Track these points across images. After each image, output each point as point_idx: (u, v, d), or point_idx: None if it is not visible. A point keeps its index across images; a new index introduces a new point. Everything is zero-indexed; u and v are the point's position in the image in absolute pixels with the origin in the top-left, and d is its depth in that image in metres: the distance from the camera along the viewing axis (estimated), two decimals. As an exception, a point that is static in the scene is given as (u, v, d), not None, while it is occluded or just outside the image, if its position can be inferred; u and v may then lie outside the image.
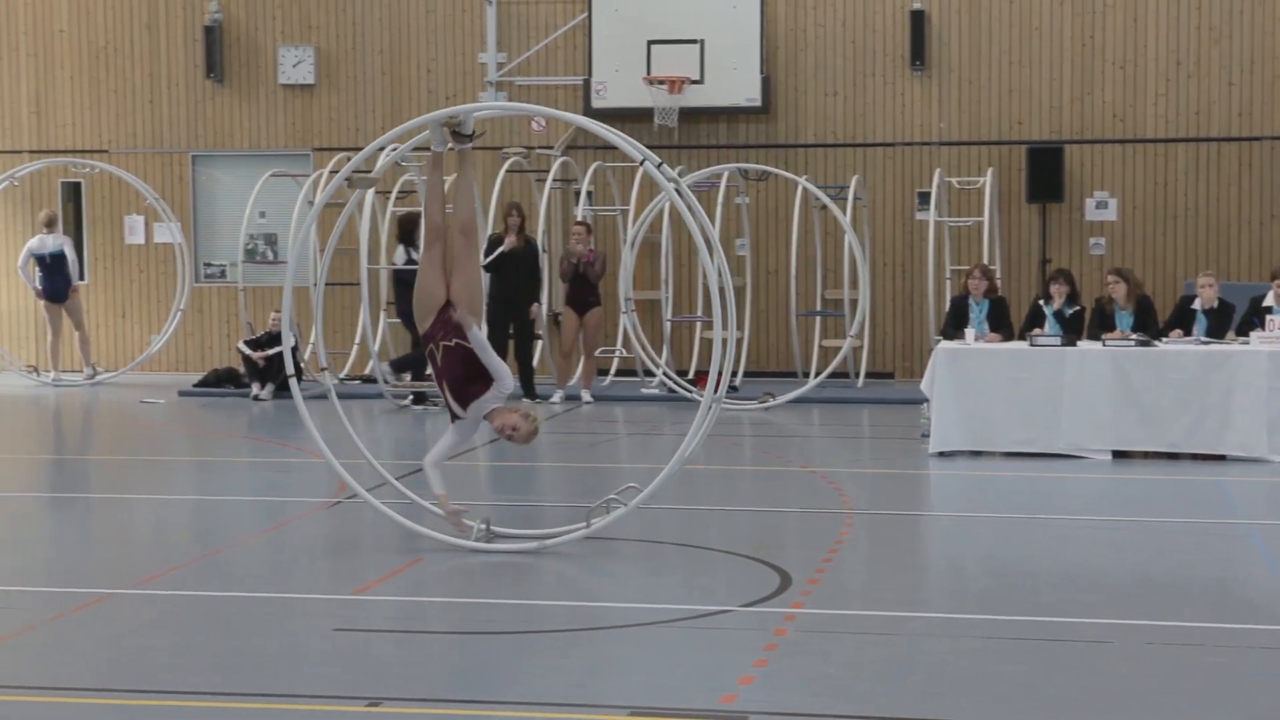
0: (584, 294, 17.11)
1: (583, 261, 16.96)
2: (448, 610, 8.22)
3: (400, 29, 20.12)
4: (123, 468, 13.58)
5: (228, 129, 20.44)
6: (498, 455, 13.85)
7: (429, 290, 9.56)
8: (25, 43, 20.68)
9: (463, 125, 9.86)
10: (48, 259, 19.08)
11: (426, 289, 9.57)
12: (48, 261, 19.08)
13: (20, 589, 8.60)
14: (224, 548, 9.76)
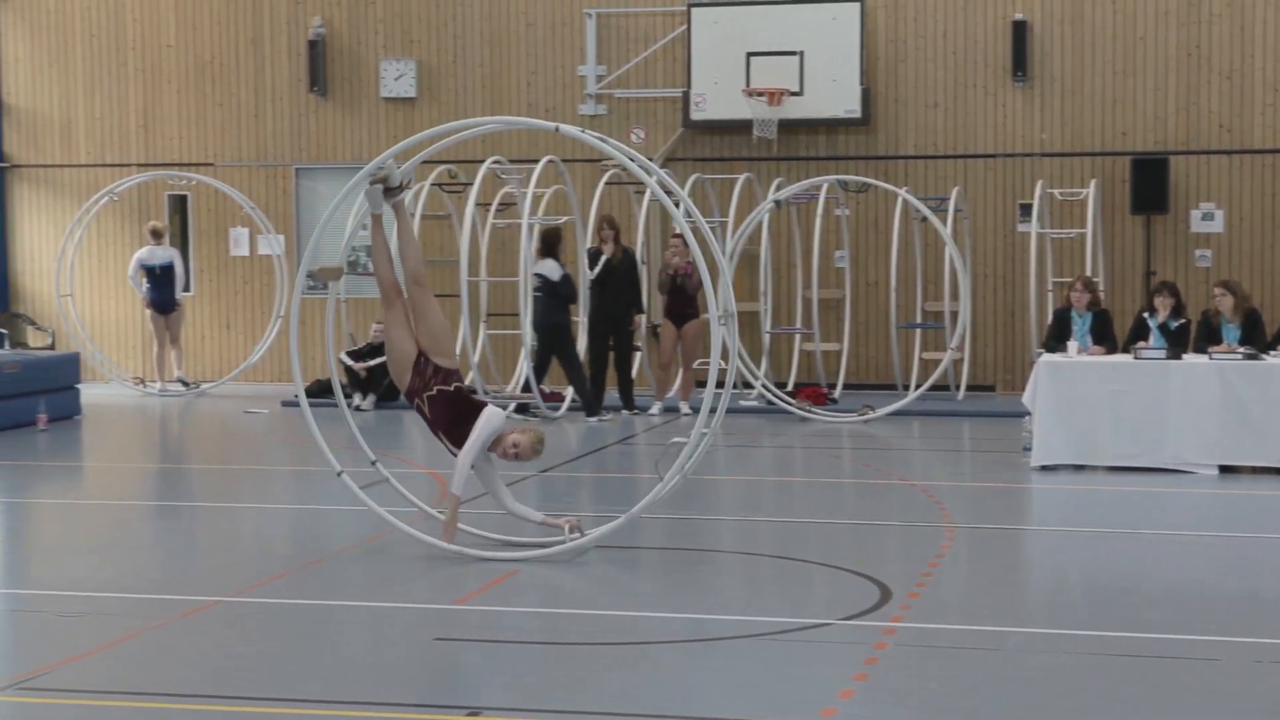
0: (682, 306, 17.11)
1: (680, 274, 16.96)
2: (546, 621, 8.23)
3: (500, 42, 20.23)
4: (226, 477, 13.74)
5: (330, 142, 20.65)
6: (599, 467, 13.88)
7: (400, 348, 9.67)
8: (134, 58, 21.01)
9: (389, 179, 9.87)
10: (156, 270, 19.36)
11: (399, 347, 9.68)
12: (156, 273, 19.36)
13: (127, 596, 8.71)
14: (325, 556, 9.84)
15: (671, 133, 19.84)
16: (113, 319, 21.21)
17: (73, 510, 12.05)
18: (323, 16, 20.47)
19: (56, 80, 21.19)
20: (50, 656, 7.46)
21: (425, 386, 9.64)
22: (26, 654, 7.67)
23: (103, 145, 21.09)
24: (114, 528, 11.15)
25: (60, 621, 8.19)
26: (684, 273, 16.98)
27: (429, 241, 20.01)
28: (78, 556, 10.01)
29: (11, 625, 8.30)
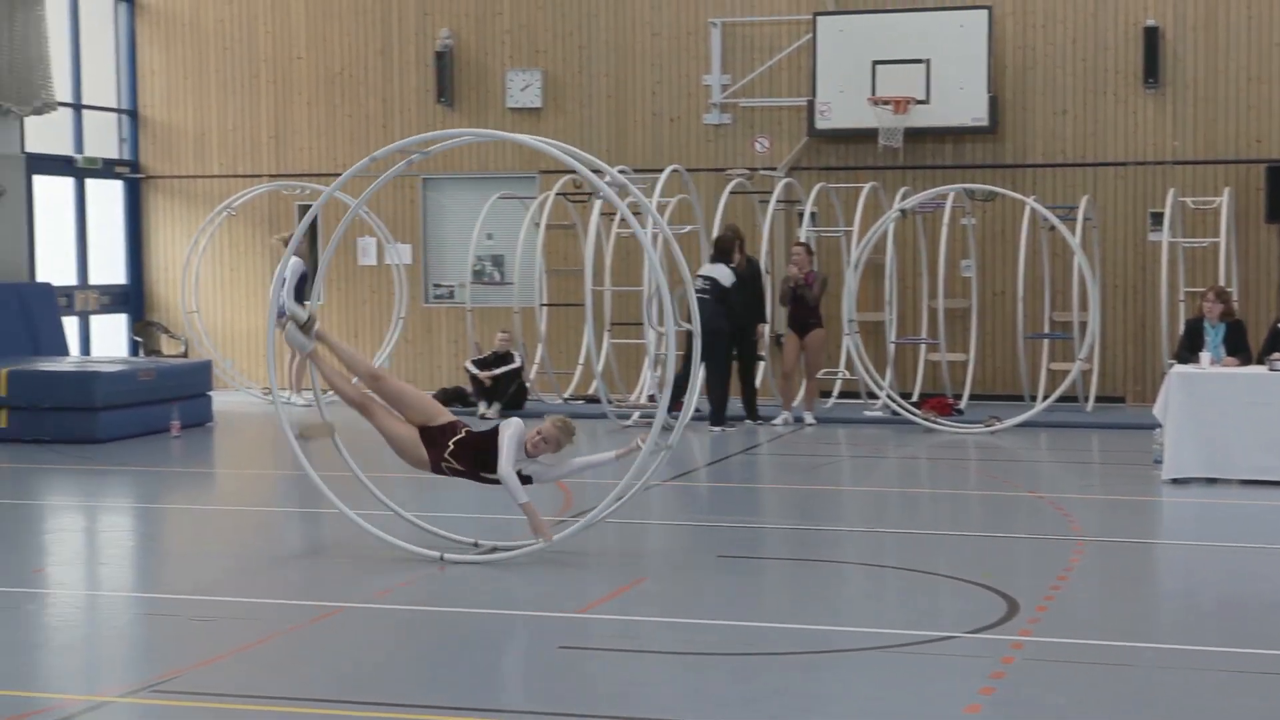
0: (803, 315, 17.06)
1: (799, 283, 16.92)
2: (672, 630, 8.24)
3: (626, 52, 20.30)
4: (353, 483, 13.88)
5: (457, 152, 20.81)
6: (721, 477, 13.87)
7: (405, 438, 9.89)
8: (265, 70, 21.34)
9: (296, 317, 10.10)
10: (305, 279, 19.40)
11: (402, 437, 9.90)
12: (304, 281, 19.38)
13: (258, 601, 8.84)
14: (453, 564, 9.91)
15: (796, 142, 19.79)
16: (243, 328, 21.54)
17: (205, 515, 12.25)
18: (450, 28, 20.66)
19: (190, 92, 21.57)
20: (183, 660, 7.59)
21: (443, 447, 9.84)
22: (160, 657, 7.82)
23: (235, 156, 21.44)
24: (245, 533, 11.33)
25: (193, 625, 8.33)
26: (803, 282, 16.93)
27: (554, 251, 20.13)
28: (210, 561, 10.18)
29: (146, 629, 8.45)
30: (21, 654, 7.81)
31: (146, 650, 8.02)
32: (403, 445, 9.96)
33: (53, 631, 8.40)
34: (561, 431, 9.81)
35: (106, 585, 9.73)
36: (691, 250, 19.52)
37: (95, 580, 9.89)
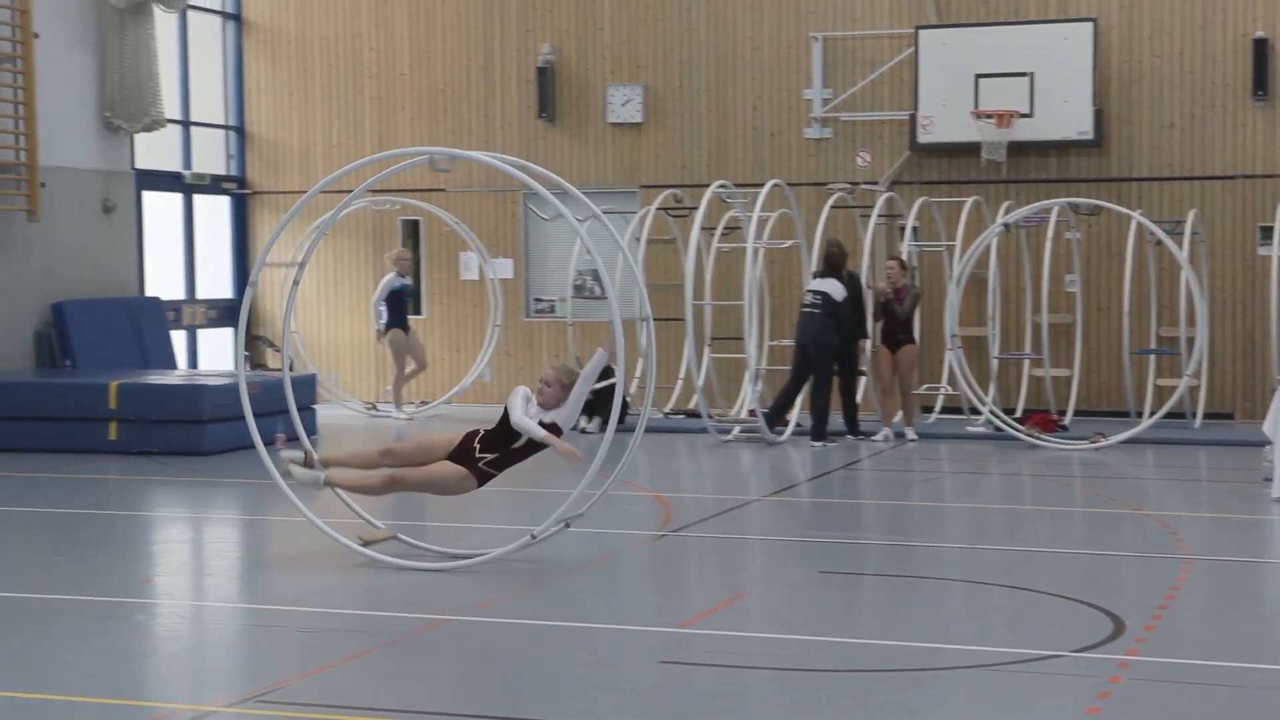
0: (894, 330, 16.96)
1: (889, 297, 16.83)
2: (773, 646, 8.21)
3: (726, 67, 20.30)
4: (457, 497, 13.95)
5: (558, 167, 20.88)
6: (822, 492, 13.82)
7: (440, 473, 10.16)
8: (369, 86, 21.55)
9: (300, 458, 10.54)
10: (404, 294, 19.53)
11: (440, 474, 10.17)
12: (403, 296, 19.50)
13: (362, 613, 8.91)
14: (553, 577, 9.94)
15: (898, 156, 19.69)
16: (346, 342, 21.74)
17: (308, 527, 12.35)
18: (552, 44, 20.76)
19: (296, 109, 21.83)
20: (288, 671, 7.67)
21: (472, 452, 10.15)
22: (265, 668, 7.90)
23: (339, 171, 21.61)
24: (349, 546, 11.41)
25: (298, 636, 8.41)
26: (893, 296, 16.84)
27: (654, 266, 20.15)
28: (315, 573, 10.27)
29: (252, 639, 8.55)
30: (131, 663, 7.92)
31: (252, 660, 8.11)
32: (444, 481, 10.19)
33: (161, 641, 8.52)
34: (560, 372, 10.21)
35: (213, 596, 9.84)
36: (791, 265, 19.49)
37: (202, 591, 10.02)
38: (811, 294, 16.52)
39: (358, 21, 21.49)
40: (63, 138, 18.37)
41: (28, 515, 12.03)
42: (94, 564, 10.39)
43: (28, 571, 10.14)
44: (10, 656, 7.92)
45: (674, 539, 11.23)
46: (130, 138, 19.65)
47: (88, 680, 7.54)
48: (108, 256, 19.07)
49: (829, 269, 16.69)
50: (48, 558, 10.59)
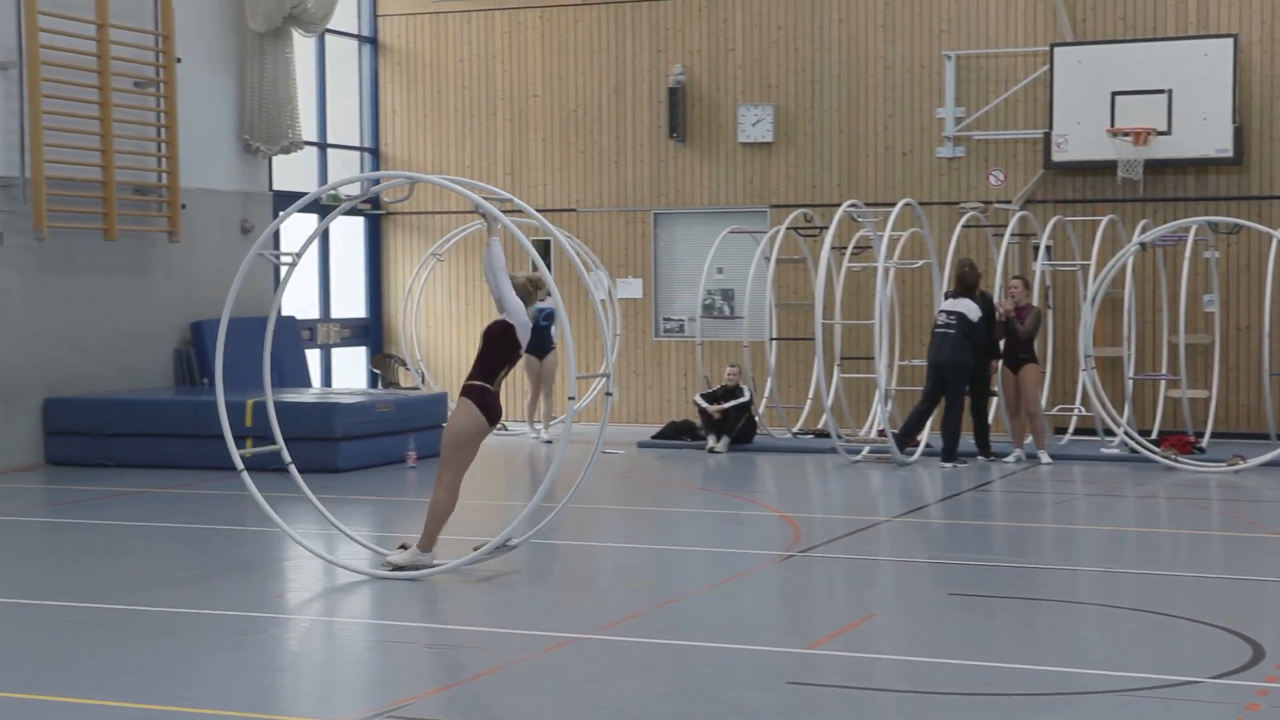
0: (1014, 350, 16.73)
1: (1010, 316, 16.62)
2: (901, 668, 8.13)
3: (858, 86, 20.22)
4: (584, 515, 14.02)
5: (688, 187, 20.95)
6: (953, 513, 13.69)
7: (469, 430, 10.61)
8: (503, 108, 21.74)
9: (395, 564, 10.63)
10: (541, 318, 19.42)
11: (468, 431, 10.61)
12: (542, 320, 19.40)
13: (491, 630, 8.96)
14: (681, 597, 9.93)
15: (1032, 174, 19.48)
16: (478, 360, 21.88)
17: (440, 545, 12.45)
18: (683, 64, 20.81)
19: (430, 130, 22.08)
20: (418, 687, 7.73)
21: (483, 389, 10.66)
22: (395, 683, 7.97)
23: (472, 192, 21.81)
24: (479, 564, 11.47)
25: (428, 653, 8.48)
26: (1014, 315, 16.63)
27: (784, 284, 20.11)
28: (443, 589, 10.34)
29: (383, 655, 8.63)
30: (264, 677, 8.03)
31: (382, 676, 8.18)
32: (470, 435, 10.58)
33: (293, 656, 8.63)
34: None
35: (344, 612, 9.95)
36: (922, 285, 19.35)
37: (333, 606, 10.13)
38: (945, 314, 16.38)
39: (491, 44, 21.70)
40: (203, 160, 18.74)
41: (166, 530, 12.25)
42: (229, 579, 10.56)
43: (165, 585, 10.32)
44: (146, 668, 8.06)
45: (802, 559, 11.17)
46: (268, 160, 19.99)
47: (220, 693, 7.65)
48: (246, 277, 19.34)
49: (962, 289, 16.53)
50: (184, 572, 10.78)
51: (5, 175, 16.30)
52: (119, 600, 9.75)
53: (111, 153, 17.15)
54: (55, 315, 16.98)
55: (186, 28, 18.41)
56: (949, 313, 16.35)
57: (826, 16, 20.31)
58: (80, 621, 9.23)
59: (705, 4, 20.77)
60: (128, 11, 17.68)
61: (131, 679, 7.84)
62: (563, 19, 21.38)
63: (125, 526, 11.93)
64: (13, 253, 16.22)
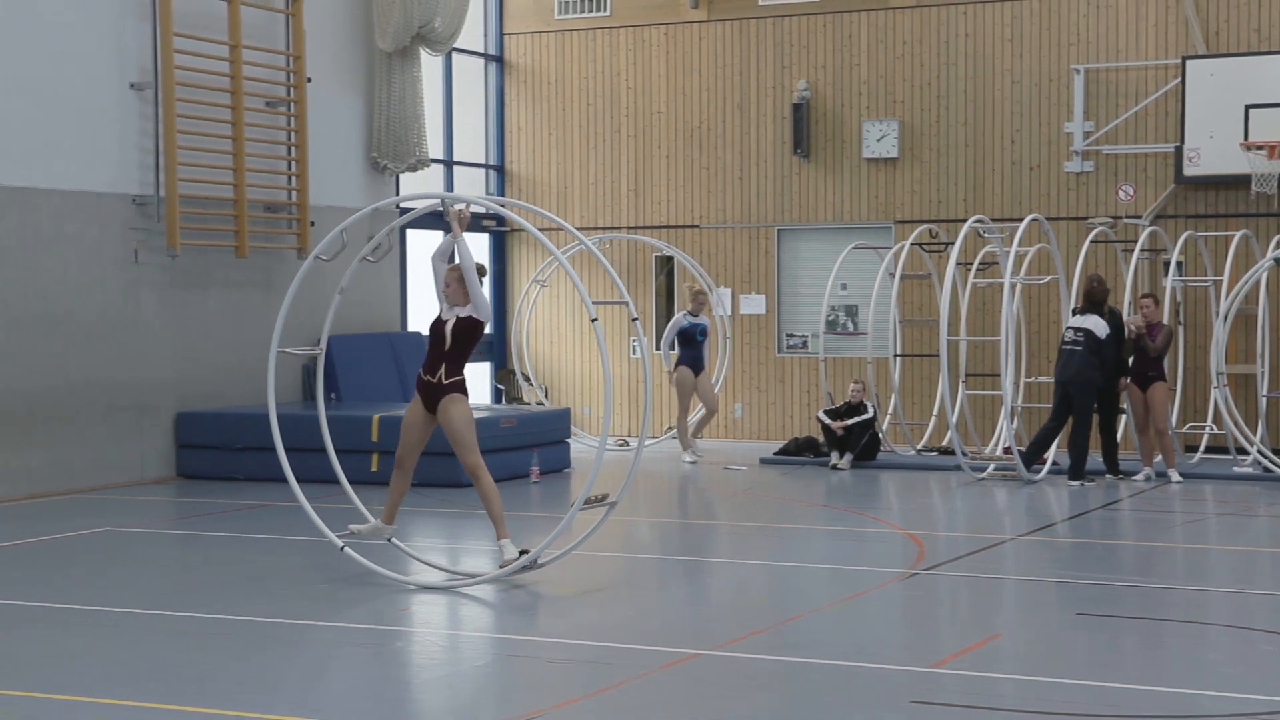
0: (1144, 367, 16.46)
1: (1142, 333, 16.37)
2: (1026, 688, 8.04)
3: (984, 100, 20.06)
4: (706, 532, 14.02)
5: (812, 203, 20.89)
6: (1080, 532, 13.51)
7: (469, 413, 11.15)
8: (627, 125, 21.83)
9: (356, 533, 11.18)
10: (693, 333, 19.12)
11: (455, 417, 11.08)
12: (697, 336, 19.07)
13: (613, 645, 8.98)
14: (802, 614, 9.90)
15: (1162, 189, 19.21)
16: (599, 376, 21.98)
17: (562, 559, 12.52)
18: (808, 80, 20.77)
19: (554, 148, 22.22)
20: (540, 701, 7.77)
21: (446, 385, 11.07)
22: (518, 697, 8.01)
23: (595, 209, 21.97)
24: (600, 577, 11.53)
25: (551, 667, 8.52)
26: (1145, 332, 16.37)
27: (908, 301, 19.99)
28: (567, 604, 10.40)
29: (505, 669, 8.68)
30: (387, 689, 8.11)
31: (504, 690, 8.23)
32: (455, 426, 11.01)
33: (416, 669, 8.71)
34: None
35: (467, 625, 10.03)
36: (1049, 301, 19.15)
37: (457, 620, 10.21)
38: (1073, 331, 16.18)
39: (616, 61, 21.81)
40: (331, 178, 19.00)
41: (292, 543, 12.42)
42: (354, 591, 10.68)
43: (292, 598, 10.46)
44: (276, 679, 8.18)
45: (926, 577, 11.08)
46: (395, 177, 20.22)
47: (347, 704, 7.74)
48: (372, 293, 19.63)
49: (1090, 305, 16.31)
50: (310, 585, 10.92)
51: (140, 194, 16.65)
52: (248, 611, 9.91)
53: (243, 171, 17.45)
54: (188, 331, 17.30)
55: (317, 48, 18.69)
56: (1076, 329, 16.15)
57: (953, 31, 20.18)
58: (211, 633, 9.39)
59: (830, 20, 20.72)
60: (260, 33, 17.99)
61: (262, 690, 7.95)
62: (687, 35, 21.43)
63: (253, 539, 12.11)
64: (147, 270, 16.55)
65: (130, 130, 16.57)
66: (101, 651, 8.86)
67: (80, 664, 8.51)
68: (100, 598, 10.35)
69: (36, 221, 15.68)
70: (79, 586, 10.84)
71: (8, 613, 9.90)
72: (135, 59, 16.59)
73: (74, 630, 9.42)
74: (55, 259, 15.86)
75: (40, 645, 8.99)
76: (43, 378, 15.71)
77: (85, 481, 15.99)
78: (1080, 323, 16.18)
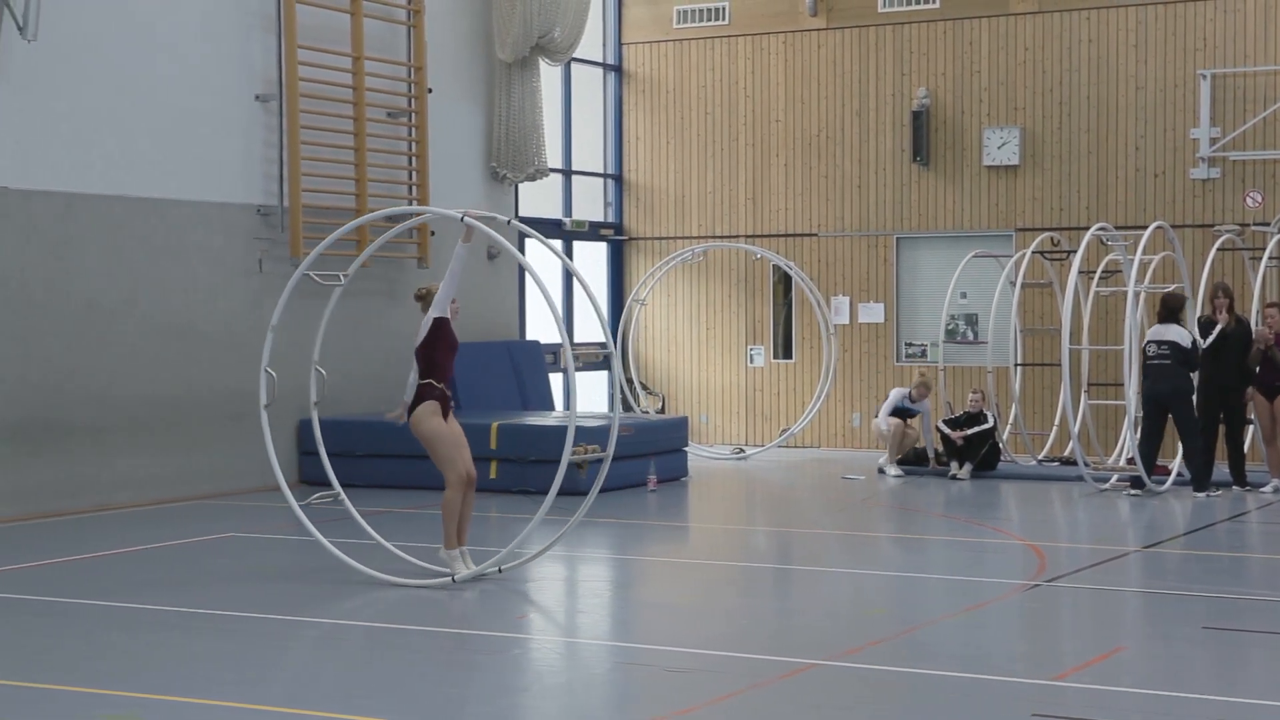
0: (1270, 378, 16.12)
1: (1269, 344, 16.04)
2: (1150, 703, 7.90)
3: (1108, 107, 19.81)
4: (823, 541, 13.95)
5: (931, 211, 20.74)
6: (1206, 544, 13.29)
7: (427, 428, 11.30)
8: (744, 134, 21.80)
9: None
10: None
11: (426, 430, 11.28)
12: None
13: (729, 654, 8.96)
14: (922, 624, 9.82)
15: (1291, 196, 18.86)
16: (717, 385, 21.98)
17: (679, 568, 12.53)
18: (927, 87, 20.63)
19: (672, 157, 22.24)
20: (657, 709, 7.76)
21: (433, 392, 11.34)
22: (636, 706, 8.01)
23: (713, 218, 21.96)
24: (717, 586, 11.51)
25: (667, 676, 8.51)
26: (1275, 343, 16.04)
27: (1029, 309, 19.78)
28: (684, 613, 10.39)
29: (623, 677, 8.68)
30: (506, 697, 8.15)
31: (622, 698, 8.24)
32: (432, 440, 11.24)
33: (535, 676, 8.74)
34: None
35: (584, 633, 10.05)
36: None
37: (574, 628, 10.24)
38: (1155, 345, 15.81)
39: (734, 70, 21.79)
40: (451, 187, 19.14)
41: (410, 550, 12.52)
42: (472, 598, 10.74)
43: (408, 603, 10.55)
44: (394, 685, 8.24)
45: (1048, 589, 10.95)
46: (514, 187, 20.35)
47: (465, 711, 7.79)
48: (491, 301, 19.77)
49: (1169, 315, 16.01)
50: (429, 591, 10.99)
51: (265, 204, 16.88)
52: (367, 618, 10.00)
53: (365, 181, 17.64)
54: (309, 340, 17.48)
55: (437, 59, 18.86)
56: (1160, 343, 15.80)
57: (1076, 37, 19.95)
58: (333, 638, 9.49)
59: (950, 26, 20.57)
60: (382, 44, 18.18)
61: (381, 695, 8.02)
62: (806, 43, 21.37)
63: (372, 546, 12.21)
64: (271, 279, 16.77)
65: (255, 141, 16.81)
66: (226, 655, 8.99)
67: (205, 667, 8.64)
68: (225, 602, 10.50)
69: (165, 231, 15.96)
70: (205, 591, 11.00)
71: (135, 616, 10.07)
72: (260, 71, 16.84)
73: (199, 634, 9.56)
74: (182, 268, 16.14)
75: (166, 648, 9.14)
76: (170, 385, 15.98)
77: (211, 487, 16.23)
78: (1162, 334, 15.85)
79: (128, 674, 8.45)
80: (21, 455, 14.66)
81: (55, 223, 14.99)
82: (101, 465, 15.37)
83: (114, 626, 9.76)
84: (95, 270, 15.34)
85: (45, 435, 14.88)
